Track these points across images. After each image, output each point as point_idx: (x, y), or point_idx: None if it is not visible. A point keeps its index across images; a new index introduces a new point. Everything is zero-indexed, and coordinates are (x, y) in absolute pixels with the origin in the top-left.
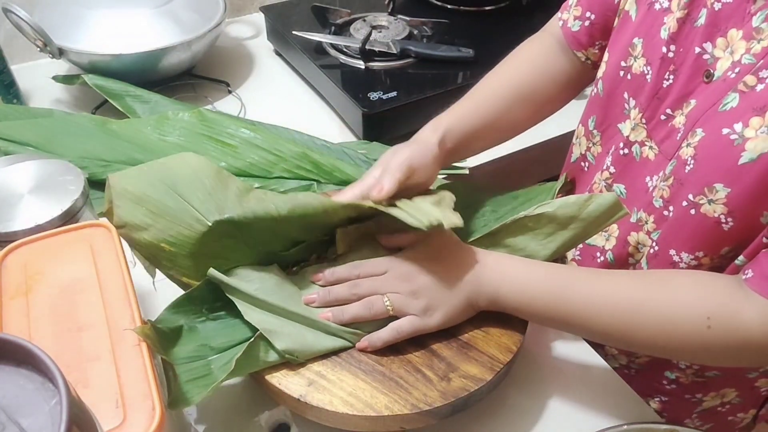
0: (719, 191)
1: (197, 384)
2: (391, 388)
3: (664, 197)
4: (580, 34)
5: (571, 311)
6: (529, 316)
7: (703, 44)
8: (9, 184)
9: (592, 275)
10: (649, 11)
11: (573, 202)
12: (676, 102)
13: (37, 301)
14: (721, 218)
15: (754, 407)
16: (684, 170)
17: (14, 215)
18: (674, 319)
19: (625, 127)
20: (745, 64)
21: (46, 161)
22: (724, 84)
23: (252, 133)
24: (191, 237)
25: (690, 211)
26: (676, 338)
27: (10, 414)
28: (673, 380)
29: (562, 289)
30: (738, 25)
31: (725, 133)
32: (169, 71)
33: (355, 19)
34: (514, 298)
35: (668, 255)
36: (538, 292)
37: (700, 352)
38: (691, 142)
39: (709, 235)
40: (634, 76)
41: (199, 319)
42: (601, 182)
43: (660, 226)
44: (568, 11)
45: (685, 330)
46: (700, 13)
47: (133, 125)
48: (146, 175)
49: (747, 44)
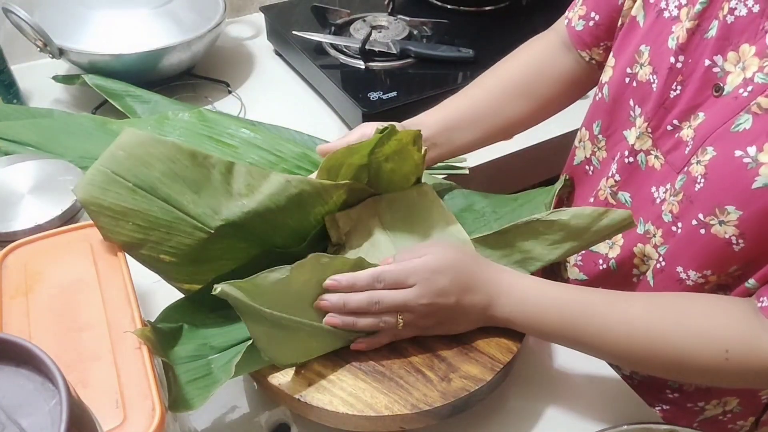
0: (731, 213)
1: (198, 385)
2: (391, 388)
3: (674, 212)
4: (584, 34)
5: (585, 339)
6: (540, 337)
7: (714, 57)
8: (9, 184)
9: (607, 301)
10: (658, 19)
11: (588, 214)
12: (683, 113)
13: (37, 301)
14: (732, 239)
15: (754, 415)
16: (694, 188)
17: (14, 215)
18: (692, 351)
19: (630, 135)
20: (758, 83)
21: (46, 161)
22: (736, 102)
23: (252, 133)
24: (192, 245)
25: (700, 231)
26: (692, 368)
27: (10, 414)
28: (675, 389)
29: (577, 316)
30: (751, 41)
31: (738, 155)
32: (169, 71)
33: (355, 19)
34: (526, 322)
35: (675, 272)
36: (550, 319)
37: (716, 380)
38: (702, 160)
39: (719, 254)
40: (639, 84)
41: (200, 319)
42: (606, 189)
43: (668, 241)
44: (573, 10)
45: (703, 361)
46: (711, 24)
47: (133, 125)
48: (113, 180)
49: (760, 62)
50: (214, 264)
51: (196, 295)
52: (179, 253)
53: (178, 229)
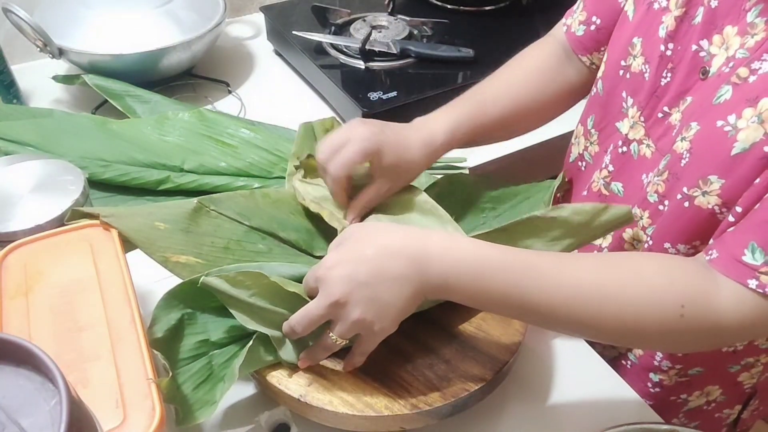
0: (713, 183)
1: (203, 390)
2: (391, 388)
3: (659, 192)
4: (585, 39)
5: (533, 301)
6: (483, 306)
7: (700, 42)
8: (9, 184)
9: (553, 260)
10: (649, 11)
11: (588, 211)
12: (672, 100)
13: (37, 301)
14: (716, 209)
15: (739, 403)
16: (680, 164)
17: (14, 215)
18: (646, 309)
19: (623, 126)
20: (739, 58)
21: (46, 161)
22: (719, 79)
23: (252, 133)
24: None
25: (684, 204)
26: (647, 326)
27: (10, 414)
28: (657, 383)
29: (521, 276)
30: (733, 22)
31: (719, 125)
32: (169, 71)
33: (355, 19)
34: (466, 287)
35: (663, 249)
36: (493, 282)
37: (671, 339)
38: (686, 136)
39: (705, 226)
40: (633, 75)
41: (198, 307)
42: (599, 181)
43: (655, 221)
44: (572, 17)
45: (658, 318)
46: (697, 11)
47: (133, 125)
48: None
49: (741, 39)
50: (207, 239)
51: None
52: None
53: None
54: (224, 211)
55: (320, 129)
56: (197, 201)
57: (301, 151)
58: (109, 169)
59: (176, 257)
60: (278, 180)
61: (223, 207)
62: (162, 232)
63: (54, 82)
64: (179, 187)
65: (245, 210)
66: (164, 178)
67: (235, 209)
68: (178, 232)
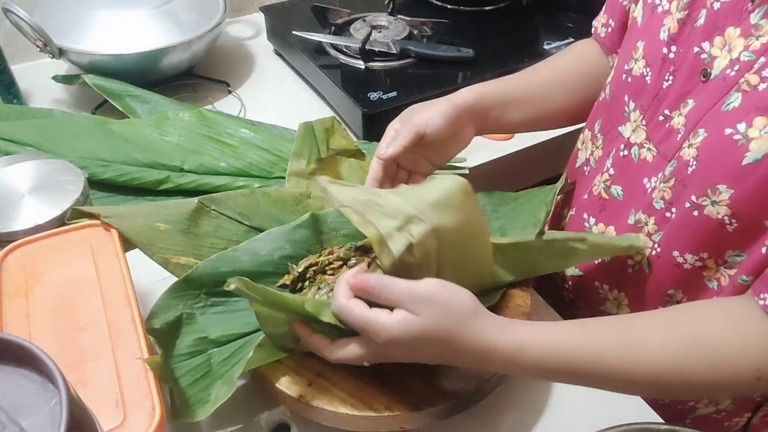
0: (722, 192)
1: (199, 386)
2: (391, 388)
3: (666, 198)
4: (606, 40)
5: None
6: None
7: (702, 44)
8: (9, 184)
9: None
10: (653, 15)
11: (608, 244)
12: (673, 102)
13: (37, 301)
14: (725, 219)
15: (748, 411)
16: (686, 171)
17: (14, 215)
18: (722, 378)
19: (625, 130)
20: (745, 61)
21: (46, 161)
22: (724, 83)
23: (252, 133)
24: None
25: (693, 213)
26: (722, 392)
27: (10, 414)
28: None
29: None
30: (736, 23)
31: (728, 133)
32: (169, 71)
33: (355, 19)
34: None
35: (672, 257)
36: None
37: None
38: (693, 143)
39: (713, 236)
40: (634, 79)
41: (198, 305)
42: (600, 184)
43: (662, 228)
44: (598, 19)
45: (733, 384)
46: (700, 13)
47: (133, 125)
48: None
49: (745, 41)
50: (206, 240)
51: (195, 277)
52: (173, 221)
53: None
54: (225, 211)
55: (320, 129)
56: (198, 201)
57: (301, 151)
58: (109, 169)
59: (176, 258)
60: (278, 180)
61: (224, 207)
62: (162, 233)
63: (54, 82)
64: (179, 187)
65: (246, 209)
66: (164, 178)
67: (235, 209)
68: (179, 234)
